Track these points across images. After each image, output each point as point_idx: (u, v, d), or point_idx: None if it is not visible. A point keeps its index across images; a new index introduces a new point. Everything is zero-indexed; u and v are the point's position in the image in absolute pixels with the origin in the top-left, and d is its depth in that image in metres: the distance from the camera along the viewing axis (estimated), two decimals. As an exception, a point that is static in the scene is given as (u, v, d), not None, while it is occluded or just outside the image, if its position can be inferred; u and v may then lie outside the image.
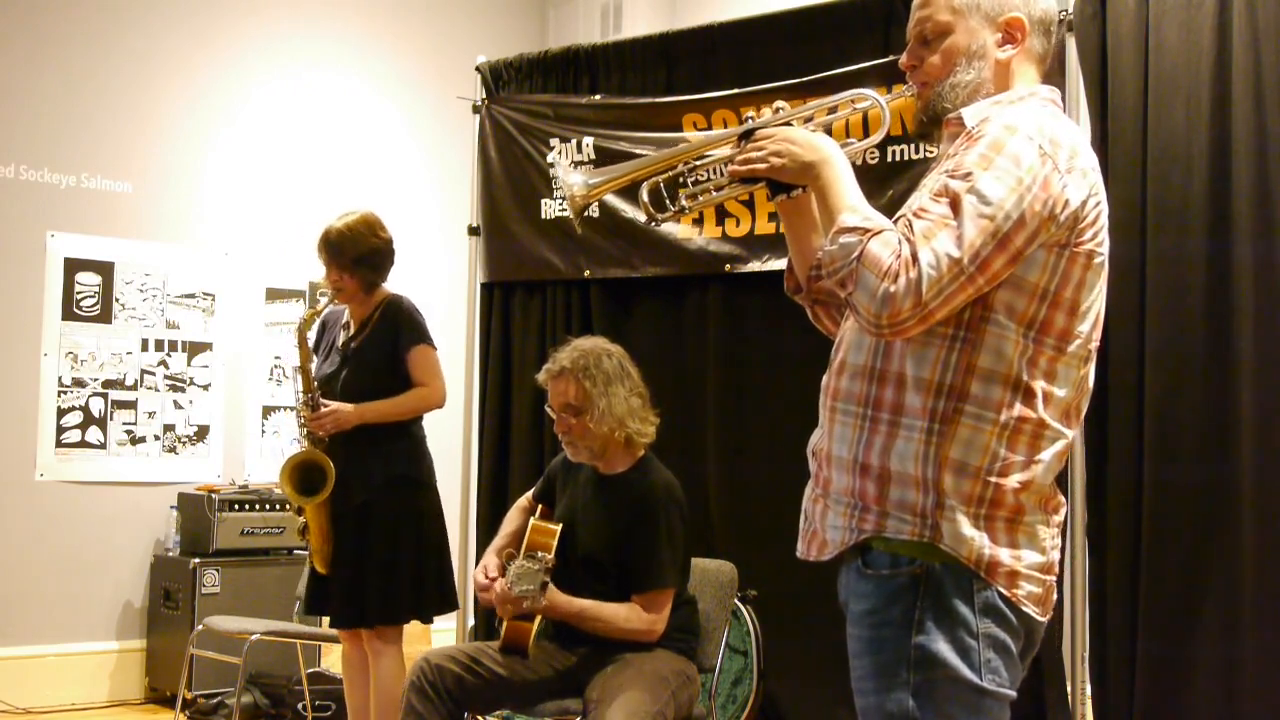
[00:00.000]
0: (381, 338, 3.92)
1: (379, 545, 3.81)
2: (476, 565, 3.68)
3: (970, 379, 1.83)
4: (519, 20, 6.98)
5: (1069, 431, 1.89)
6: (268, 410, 6.16)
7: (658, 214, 2.17)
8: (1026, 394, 1.84)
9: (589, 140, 4.53)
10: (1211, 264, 3.44)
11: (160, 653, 5.59)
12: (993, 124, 1.85)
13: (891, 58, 2.03)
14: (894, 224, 1.84)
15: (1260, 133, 3.38)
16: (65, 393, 5.63)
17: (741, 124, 2.06)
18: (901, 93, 2.14)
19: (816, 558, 1.98)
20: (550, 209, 4.64)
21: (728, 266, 4.27)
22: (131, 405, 5.79)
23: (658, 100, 4.42)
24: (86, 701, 5.56)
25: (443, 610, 4.01)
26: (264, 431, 6.15)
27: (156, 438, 5.84)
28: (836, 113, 2.17)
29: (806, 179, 1.96)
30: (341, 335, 4.02)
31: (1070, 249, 1.83)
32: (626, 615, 3.33)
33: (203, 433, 5.96)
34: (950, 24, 1.97)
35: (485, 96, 4.88)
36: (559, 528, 3.44)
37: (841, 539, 1.91)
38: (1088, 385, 1.92)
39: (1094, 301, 1.88)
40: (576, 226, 2.23)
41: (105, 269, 5.74)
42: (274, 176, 6.19)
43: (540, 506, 3.64)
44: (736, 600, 3.61)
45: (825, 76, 3.93)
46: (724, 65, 4.35)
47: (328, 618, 4.07)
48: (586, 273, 4.57)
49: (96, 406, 5.70)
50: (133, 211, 5.83)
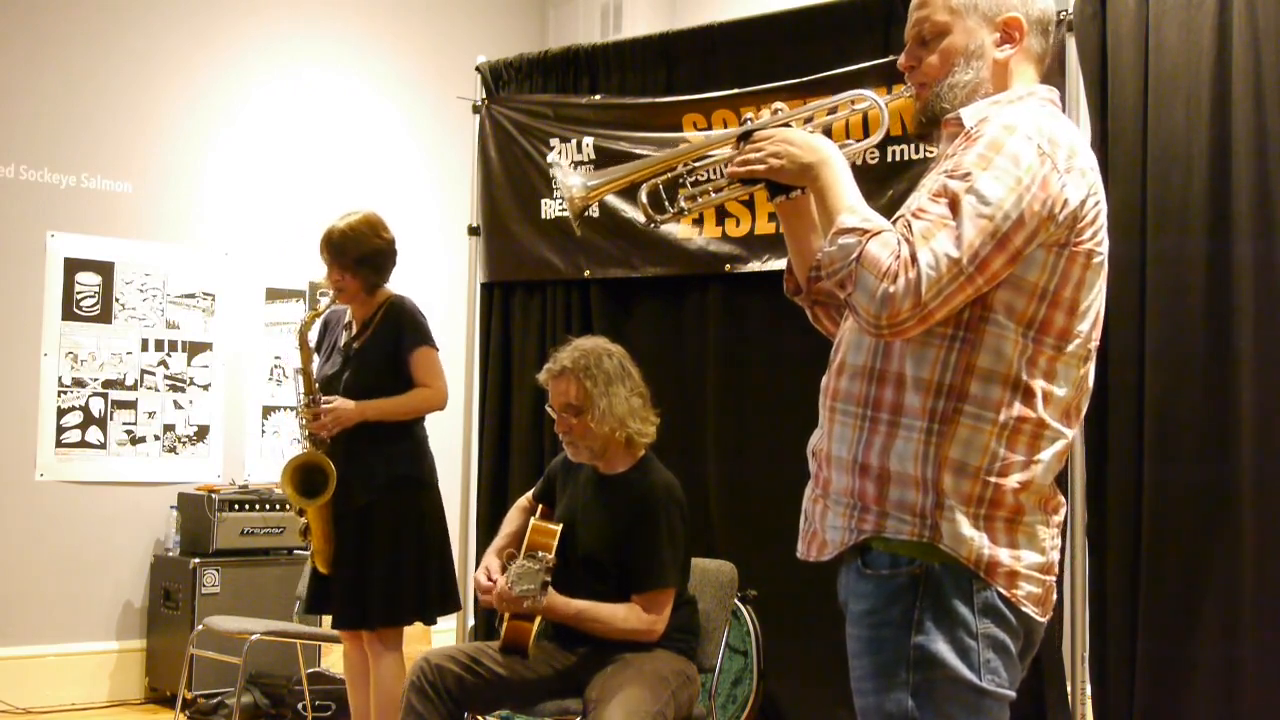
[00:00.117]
0: (384, 338, 3.91)
1: (381, 546, 3.81)
2: (477, 566, 3.68)
3: (970, 379, 1.83)
4: (519, 20, 6.98)
5: (1069, 431, 1.89)
6: (268, 410, 6.16)
7: (657, 216, 2.17)
8: (1026, 394, 1.83)
9: (589, 140, 4.53)
10: (1211, 264, 3.44)
11: (160, 653, 5.59)
12: (991, 124, 1.84)
13: (891, 58, 2.03)
14: (893, 224, 1.83)
15: (1260, 133, 3.38)
16: (65, 393, 5.63)
17: (741, 125, 2.06)
18: (901, 93, 2.14)
19: (816, 558, 1.98)
20: (550, 209, 4.64)
21: (728, 266, 4.27)
22: (131, 405, 5.79)
23: (658, 100, 4.42)
24: (86, 701, 5.56)
25: (445, 611, 4.01)
26: (264, 431, 6.15)
27: (156, 438, 5.84)
28: (835, 114, 2.17)
29: (805, 180, 1.96)
30: (343, 336, 4.02)
31: (1069, 248, 1.83)
32: (625, 615, 3.32)
33: (203, 433, 5.96)
34: (948, 24, 1.97)
35: (485, 96, 4.88)
36: (559, 528, 3.43)
37: (841, 539, 1.91)
38: (1087, 384, 1.92)
39: (1093, 301, 1.88)
40: (575, 228, 2.23)
41: (105, 269, 5.74)
42: (274, 176, 6.19)
43: (540, 506, 3.64)
44: (736, 600, 3.60)
45: (825, 76, 3.93)
46: (724, 65, 4.35)
47: (329, 618, 4.07)
48: (586, 273, 4.56)
49: (96, 406, 5.70)
50: (133, 211, 5.83)
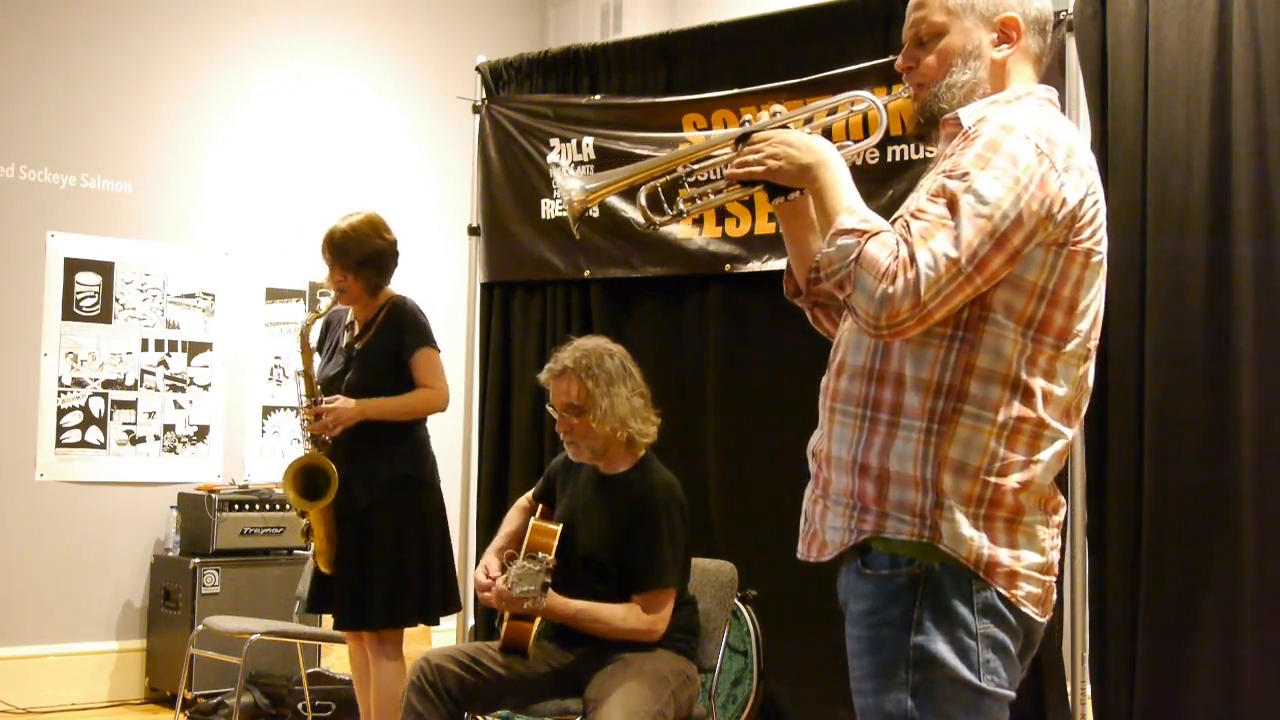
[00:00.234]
0: (386, 339, 3.91)
1: (384, 548, 3.80)
2: (477, 566, 3.68)
3: (969, 379, 1.83)
4: (519, 20, 6.98)
5: (1068, 431, 1.89)
6: (268, 410, 6.16)
7: (655, 218, 2.17)
8: (1025, 393, 1.83)
9: (589, 140, 4.53)
10: (1211, 264, 3.44)
11: (160, 653, 5.59)
12: (989, 124, 1.84)
13: (891, 58, 2.03)
14: (891, 225, 1.83)
15: (1260, 133, 3.38)
16: (65, 393, 5.63)
17: (740, 126, 2.06)
18: (900, 93, 2.14)
19: (816, 559, 1.98)
20: (550, 209, 4.64)
21: (728, 266, 4.27)
22: (131, 405, 5.79)
23: (658, 100, 4.42)
24: (86, 701, 5.56)
25: (447, 611, 4.01)
26: (264, 431, 6.15)
27: (156, 438, 5.84)
28: (834, 115, 2.17)
29: (804, 181, 1.96)
30: (345, 336, 4.01)
31: (1068, 248, 1.83)
32: (624, 615, 3.32)
33: (203, 433, 5.96)
34: (945, 25, 1.96)
35: (485, 96, 4.88)
36: (559, 528, 3.43)
37: (841, 539, 1.91)
38: (1087, 384, 1.92)
39: (1093, 300, 1.88)
40: (575, 231, 2.23)
41: (105, 269, 5.74)
42: (274, 176, 6.19)
43: (540, 506, 3.64)
44: (736, 600, 3.60)
45: (825, 76, 3.93)
46: (724, 65, 4.35)
47: (329, 618, 4.07)
48: (586, 273, 4.56)
49: (96, 406, 5.70)
50: (133, 211, 5.82)
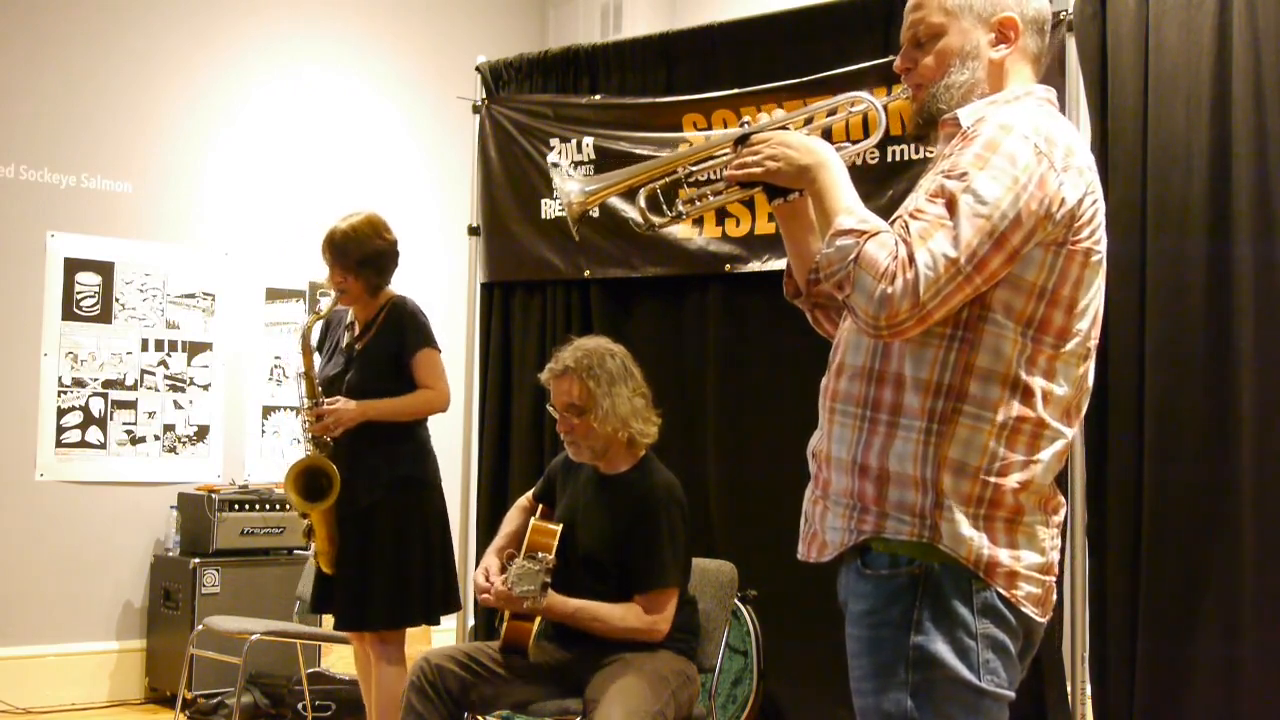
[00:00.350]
0: (386, 340, 3.90)
1: (385, 549, 3.80)
2: (477, 566, 3.68)
3: (969, 378, 1.83)
4: (519, 20, 6.98)
5: (1068, 431, 1.89)
6: (268, 410, 6.16)
7: (655, 220, 2.17)
8: (1025, 393, 1.83)
9: (589, 140, 4.53)
10: (1211, 264, 3.43)
11: (160, 653, 5.59)
12: (988, 124, 1.84)
13: (891, 58, 2.03)
14: (890, 225, 1.83)
15: (1260, 133, 3.38)
16: (65, 393, 5.63)
17: (740, 127, 2.06)
18: (900, 94, 2.14)
19: (816, 559, 1.98)
20: (550, 209, 4.64)
21: (728, 266, 4.27)
22: (131, 405, 5.79)
23: (658, 100, 4.42)
24: (86, 701, 5.56)
25: (448, 610, 4.01)
26: (264, 431, 6.15)
27: (156, 438, 5.84)
28: (834, 116, 2.17)
29: (802, 182, 1.96)
30: (345, 336, 4.01)
31: (1067, 247, 1.83)
32: (622, 615, 3.32)
33: (203, 433, 5.96)
34: (943, 25, 1.96)
35: (485, 96, 4.88)
36: (559, 528, 3.43)
37: (841, 540, 1.91)
38: (1087, 383, 1.92)
39: (1092, 299, 1.88)
40: (574, 233, 2.23)
41: (105, 269, 5.74)
42: (274, 176, 6.19)
43: (540, 506, 3.64)
44: (736, 600, 3.60)
45: (825, 76, 3.93)
46: (724, 65, 4.35)
47: (330, 617, 4.07)
48: (586, 273, 4.56)
49: (96, 406, 5.70)
50: (133, 211, 5.82)
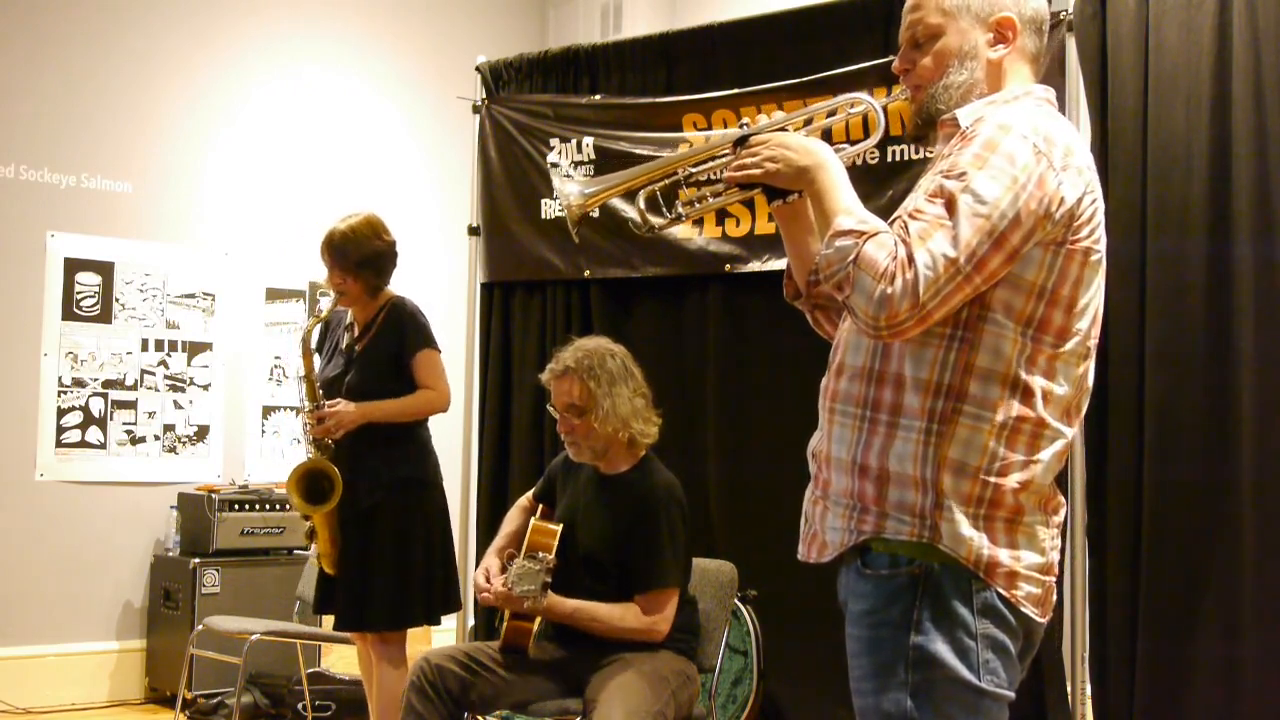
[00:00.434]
0: (386, 340, 3.90)
1: (387, 550, 3.79)
2: (477, 566, 3.68)
3: (969, 378, 1.83)
4: (519, 20, 6.98)
5: (1068, 430, 1.89)
6: (268, 410, 6.16)
7: (655, 222, 2.17)
8: (1025, 393, 1.83)
9: (589, 140, 4.53)
10: (1211, 264, 3.44)
11: (160, 653, 5.59)
12: (987, 123, 1.84)
13: (891, 58, 2.03)
14: (890, 226, 1.83)
15: (1260, 133, 3.38)
16: (65, 393, 5.63)
17: (739, 128, 2.06)
18: (899, 94, 2.14)
19: (817, 559, 1.98)
20: (550, 209, 4.64)
21: (728, 266, 4.27)
22: (131, 405, 5.79)
23: (658, 100, 4.42)
24: (86, 701, 5.56)
25: (449, 610, 4.01)
26: (264, 431, 6.15)
27: (156, 438, 5.84)
28: (833, 117, 2.17)
29: (802, 184, 1.96)
30: (345, 337, 4.01)
31: (1066, 246, 1.83)
32: (621, 615, 3.32)
33: (203, 433, 5.96)
34: (941, 26, 1.97)
35: (485, 96, 4.88)
36: (559, 528, 3.43)
37: (841, 540, 1.91)
38: (1087, 383, 1.92)
39: (1092, 298, 1.88)
40: (574, 236, 2.23)
41: (105, 269, 5.74)
42: (274, 176, 6.19)
43: (541, 506, 3.64)
44: (736, 600, 3.60)
45: (825, 76, 3.93)
46: (724, 65, 4.35)
47: (331, 618, 4.07)
48: (586, 273, 4.56)
49: (96, 406, 5.70)
50: (133, 211, 5.82)
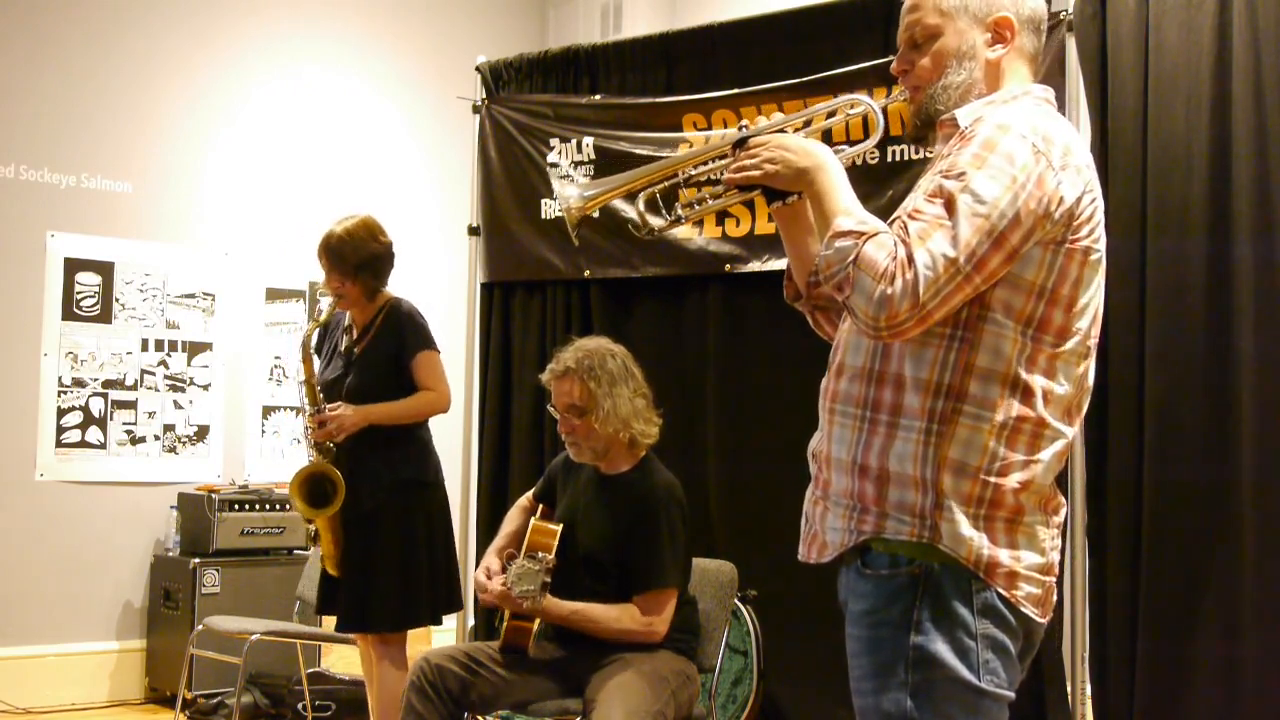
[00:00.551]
0: (385, 342, 3.90)
1: (390, 553, 3.79)
2: (477, 566, 3.68)
3: (969, 378, 1.83)
4: (519, 20, 6.98)
5: (1069, 430, 1.89)
6: (268, 410, 6.16)
7: (655, 224, 2.17)
8: (1025, 392, 1.83)
9: (589, 140, 4.53)
10: (1211, 264, 3.44)
11: (160, 653, 5.59)
12: (985, 123, 1.84)
13: (890, 58, 2.03)
14: (889, 226, 1.83)
15: (1260, 133, 3.38)
16: (65, 393, 5.63)
17: (738, 130, 2.06)
18: (899, 94, 2.14)
19: (817, 560, 1.98)
20: (550, 209, 4.64)
21: (728, 266, 4.27)
22: (131, 405, 5.78)
23: (658, 100, 4.42)
24: (86, 701, 5.56)
25: (452, 610, 4.02)
26: (264, 431, 6.15)
27: (156, 438, 5.84)
28: (832, 118, 2.17)
29: (801, 185, 1.96)
30: (344, 340, 4.00)
31: (1066, 245, 1.83)
32: (618, 616, 3.31)
33: (203, 433, 5.96)
34: (939, 26, 1.97)
35: (485, 96, 4.88)
36: (559, 528, 3.43)
37: (841, 540, 1.91)
38: (1088, 382, 1.92)
39: (1092, 297, 1.88)
40: (573, 238, 2.23)
41: (105, 269, 5.74)
42: (274, 176, 6.19)
43: (541, 506, 3.64)
44: (736, 600, 3.60)
45: (825, 77, 3.94)
46: (724, 65, 4.35)
47: (332, 618, 4.07)
48: (586, 273, 4.56)
49: (96, 406, 5.70)
50: (133, 211, 5.82)
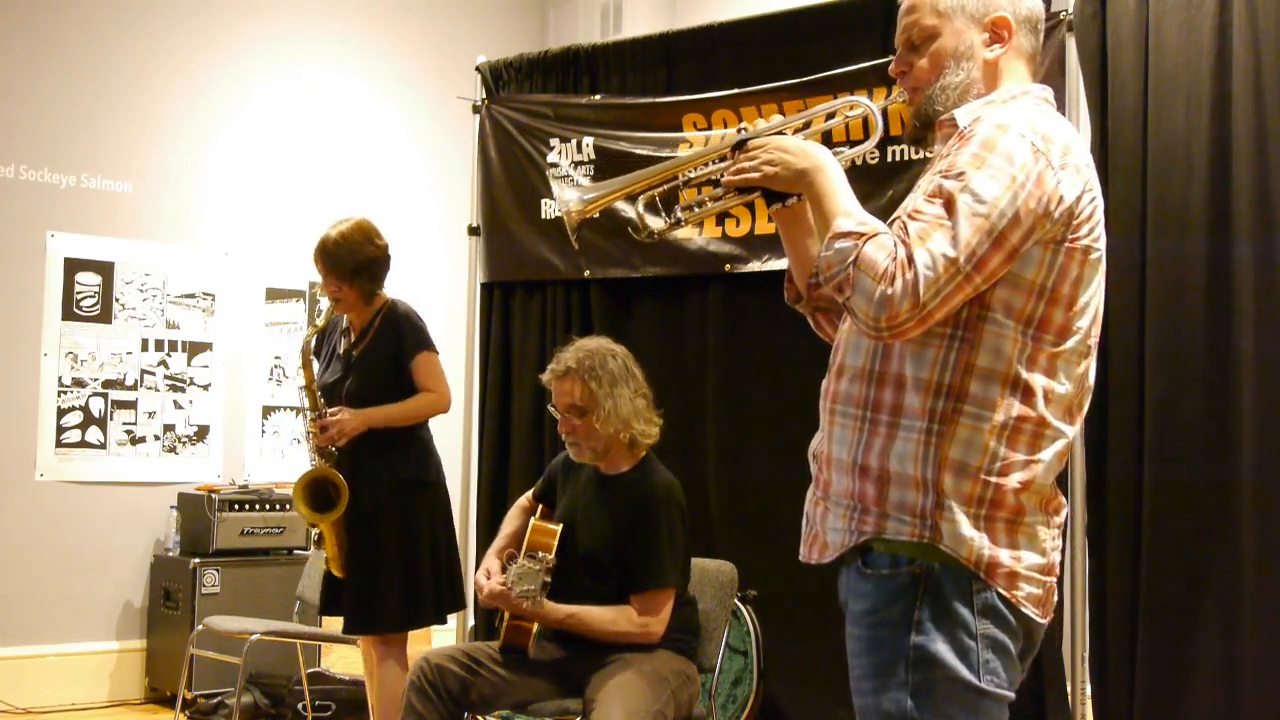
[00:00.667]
0: (383, 345, 3.90)
1: (392, 553, 3.79)
2: (477, 566, 3.68)
3: (969, 378, 1.83)
4: (519, 20, 6.98)
5: (1069, 430, 1.89)
6: (268, 410, 6.16)
7: (654, 227, 2.17)
8: (1026, 392, 1.83)
9: (589, 140, 4.53)
10: (1211, 264, 3.43)
11: (160, 653, 5.59)
12: (985, 123, 1.84)
13: (890, 58, 2.04)
14: (889, 227, 1.83)
15: (1260, 133, 3.38)
16: (65, 393, 5.63)
17: (738, 132, 2.06)
18: (898, 95, 2.15)
19: (818, 560, 1.98)
20: (550, 209, 4.64)
21: (728, 266, 4.27)
22: (131, 405, 5.79)
23: (658, 100, 4.42)
24: (86, 701, 5.56)
25: (455, 608, 4.02)
26: (264, 431, 6.15)
27: (156, 438, 5.84)
28: (831, 120, 2.18)
29: (800, 187, 1.96)
30: (342, 342, 4.00)
31: (1066, 244, 1.83)
32: (614, 618, 3.31)
33: (203, 433, 5.96)
34: (936, 27, 1.97)
35: (485, 96, 4.88)
36: (559, 528, 3.42)
37: (841, 540, 1.91)
38: (1088, 382, 1.92)
39: (1092, 297, 1.88)
40: (573, 241, 2.23)
41: (105, 269, 5.74)
42: (274, 176, 6.19)
43: (541, 506, 3.64)
44: (736, 600, 3.60)
45: (825, 77, 3.94)
46: (724, 65, 4.35)
47: (332, 618, 4.07)
48: (586, 273, 4.56)
49: (96, 406, 5.70)
50: (133, 211, 5.82)
